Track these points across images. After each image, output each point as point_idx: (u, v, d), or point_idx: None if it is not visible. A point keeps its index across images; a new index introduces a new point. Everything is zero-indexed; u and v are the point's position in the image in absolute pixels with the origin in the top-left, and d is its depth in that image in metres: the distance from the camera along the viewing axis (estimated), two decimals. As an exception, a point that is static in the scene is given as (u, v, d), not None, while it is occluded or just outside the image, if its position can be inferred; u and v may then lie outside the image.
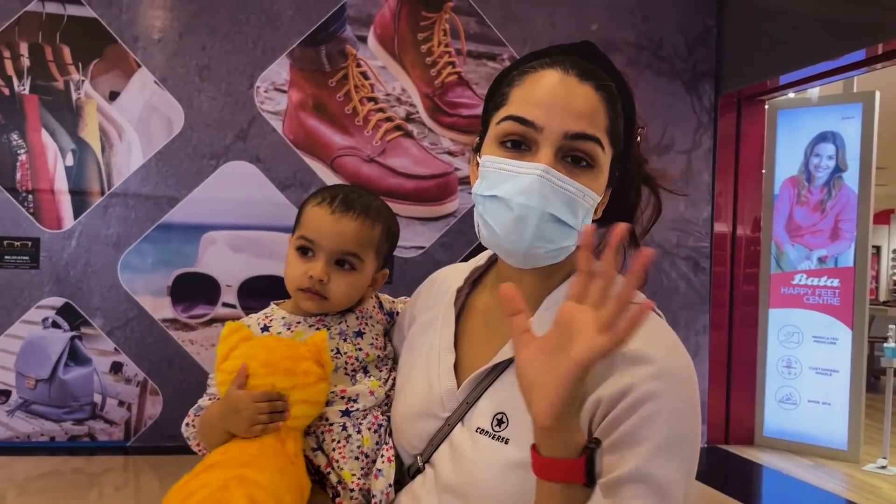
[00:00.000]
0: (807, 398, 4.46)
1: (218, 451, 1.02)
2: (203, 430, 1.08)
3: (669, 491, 0.86)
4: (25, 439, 3.91)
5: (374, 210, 1.15)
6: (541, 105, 0.88)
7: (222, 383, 1.06)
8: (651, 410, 0.85)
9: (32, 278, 3.90)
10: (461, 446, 0.94)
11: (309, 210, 1.15)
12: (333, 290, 1.11)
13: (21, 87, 3.84)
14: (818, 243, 4.43)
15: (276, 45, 4.07)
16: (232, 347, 1.06)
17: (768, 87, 4.42)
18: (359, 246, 1.12)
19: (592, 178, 0.90)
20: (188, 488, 0.93)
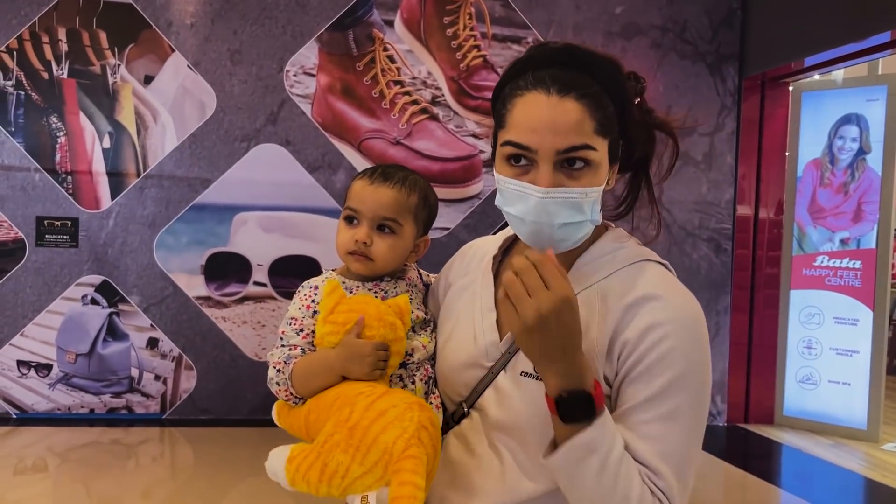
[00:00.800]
0: (827, 378, 4.49)
1: (358, 385, 1.11)
2: (305, 375, 1.16)
3: (678, 417, 0.98)
4: (66, 411, 4.07)
5: (410, 181, 1.25)
6: (531, 131, 0.99)
7: (333, 333, 1.14)
8: (666, 348, 0.98)
9: (72, 257, 4.04)
10: (506, 389, 1.07)
11: (353, 184, 1.26)
12: (377, 252, 1.21)
13: (59, 72, 3.96)
14: (841, 225, 4.44)
15: (305, 29, 4.15)
16: (336, 302, 1.16)
17: (793, 70, 4.41)
18: (396, 212, 1.22)
19: (592, 173, 1.02)
20: (376, 408, 1.02)
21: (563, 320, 0.92)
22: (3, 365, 3.93)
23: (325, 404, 1.11)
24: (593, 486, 0.95)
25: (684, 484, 0.99)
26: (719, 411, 4.57)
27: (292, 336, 1.21)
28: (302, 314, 1.22)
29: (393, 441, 0.99)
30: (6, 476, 3.30)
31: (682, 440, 0.99)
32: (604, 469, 0.94)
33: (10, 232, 3.90)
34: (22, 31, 3.87)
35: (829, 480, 3.88)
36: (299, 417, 1.17)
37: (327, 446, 1.02)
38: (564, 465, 0.95)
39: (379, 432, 0.99)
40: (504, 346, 1.10)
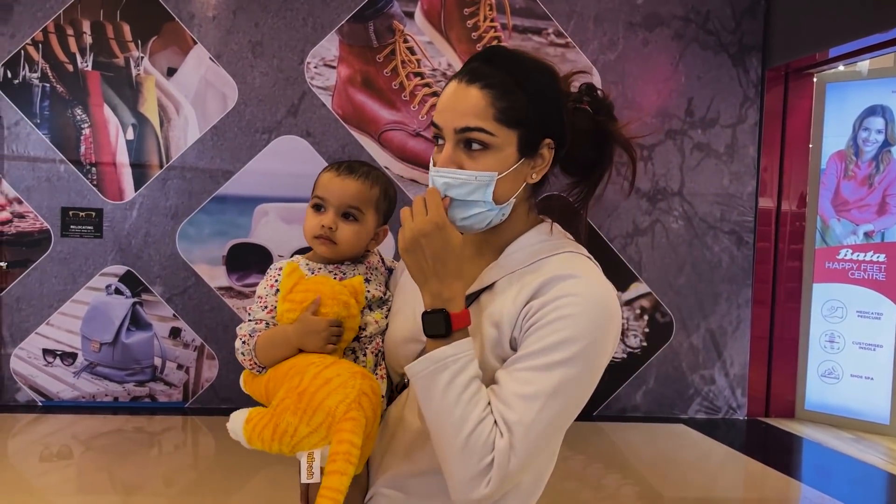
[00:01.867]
0: (849, 372, 4.44)
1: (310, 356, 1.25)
2: (266, 347, 1.28)
3: (553, 371, 1.03)
4: (90, 399, 4.13)
5: (373, 175, 1.38)
6: (440, 111, 1.13)
7: (290, 310, 1.26)
8: (566, 312, 1.04)
9: (96, 247, 4.09)
10: None
11: (321, 176, 1.38)
12: (341, 236, 1.34)
13: (84, 64, 4.01)
14: (865, 218, 4.38)
15: (326, 21, 4.16)
16: (295, 282, 1.28)
17: (817, 60, 4.36)
18: (360, 201, 1.34)
19: (491, 157, 1.11)
20: (323, 376, 1.15)
21: (432, 242, 1.07)
22: (29, 353, 3.99)
23: (281, 373, 1.24)
24: (438, 402, 1.03)
25: (536, 428, 1.02)
26: (739, 405, 4.55)
27: (258, 312, 1.33)
28: (266, 293, 1.34)
29: (335, 405, 1.11)
30: (32, 462, 3.36)
31: (548, 392, 1.02)
32: (450, 386, 1.02)
33: (35, 222, 3.96)
34: (47, 24, 3.92)
35: (851, 475, 3.85)
36: (260, 385, 1.29)
37: (279, 409, 1.14)
38: (418, 373, 1.05)
39: (324, 397, 1.12)
40: None
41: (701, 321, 4.48)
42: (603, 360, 1.08)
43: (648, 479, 3.55)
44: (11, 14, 3.88)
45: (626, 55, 4.35)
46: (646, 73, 4.38)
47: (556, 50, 4.30)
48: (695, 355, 4.49)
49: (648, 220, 4.41)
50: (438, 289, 1.07)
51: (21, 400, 4.00)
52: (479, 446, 1.01)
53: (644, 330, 4.43)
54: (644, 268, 4.41)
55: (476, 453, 1.01)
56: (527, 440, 1.02)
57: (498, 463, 1.01)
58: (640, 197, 4.39)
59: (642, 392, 4.46)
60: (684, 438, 4.16)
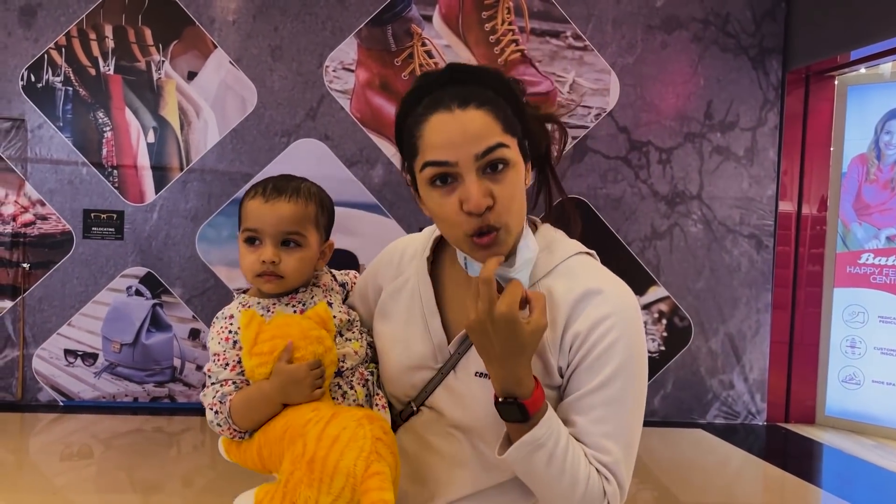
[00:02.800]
0: (871, 378, 4.38)
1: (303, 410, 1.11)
2: (244, 411, 1.14)
3: (623, 400, 1.07)
4: (111, 399, 4.17)
5: (303, 190, 1.22)
6: (446, 146, 1.03)
7: (262, 364, 1.12)
8: (612, 339, 1.06)
9: (117, 249, 4.14)
10: (460, 389, 1.13)
11: (247, 205, 1.22)
12: (286, 269, 1.19)
13: (106, 68, 4.05)
14: (887, 222, 4.33)
15: (345, 25, 4.19)
16: (257, 332, 1.13)
17: (838, 63, 4.32)
18: (298, 224, 1.20)
19: (514, 173, 1.06)
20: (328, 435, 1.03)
21: (500, 332, 1.01)
22: (50, 354, 4.04)
23: (274, 438, 1.11)
24: (545, 475, 1.04)
25: (629, 459, 1.08)
26: (759, 410, 4.51)
27: (220, 372, 1.18)
28: (223, 348, 1.19)
29: (353, 463, 1.00)
30: (53, 462, 3.40)
31: (626, 420, 1.07)
32: (552, 459, 1.03)
33: (58, 224, 4.00)
34: (70, 28, 3.97)
35: (872, 482, 3.80)
36: (251, 453, 1.16)
37: (291, 485, 1.03)
38: (516, 460, 1.04)
39: (338, 458, 1.00)
40: (454, 346, 1.14)
41: (720, 325, 4.45)
42: (645, 354, 1.12)
43: (667, 484, 3.53)
44: (35, 18, 3.94)
45: (645, 58, 4.33)
46: (664, 76, 4.36)
47: (575, 53, 4.29)
48: (713, 360, 4.45)
49: (667, 223, 4.39)
50: (503, 375, 1.04)
51: (43, 399, 4.05)
52: (595, 500, 1.05)
53: (662, 334, 4.41)
54: (662, 271, 4.39)
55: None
56: (628, 471, 1.08)
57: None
58: (658, 200, 4.37)
59: (660, 396, 4.43)
60: (703, 443, 4.13)
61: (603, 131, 4.32)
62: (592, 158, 4.32)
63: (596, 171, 4.32)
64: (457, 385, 1.13)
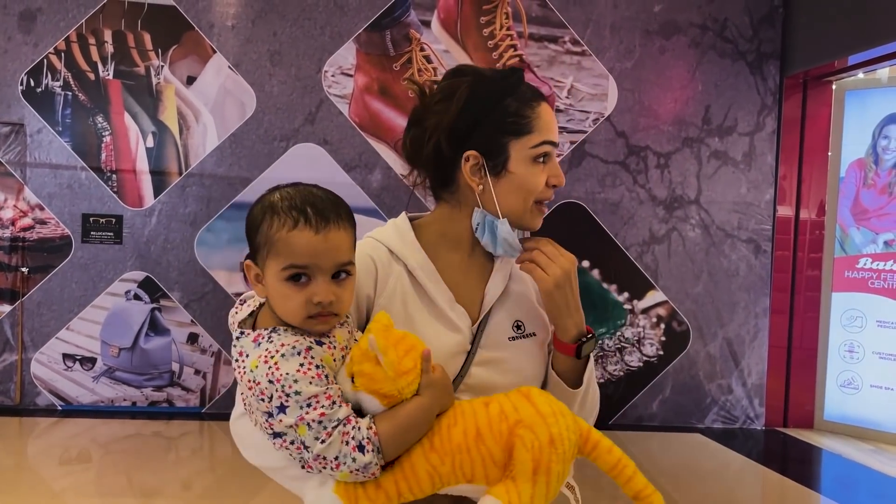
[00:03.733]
0: (869, 383, 4.38)
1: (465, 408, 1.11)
2: (403, 436, 1.05)
3: None
4: (109, 403, 4.16)
5: (342, 208, 1.09)
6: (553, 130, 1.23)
7: (412, 383, 1.07)
8: None
9: (116, 253, 4.14)
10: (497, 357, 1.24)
11: (287, 236, 1.04)
12: (341, 305, 1.07)
13: (105, 73, 4.06)
14: (885, 227, 4.34)
15: (344, 30, 4.19)
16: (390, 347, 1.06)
17: (836, 68, 4.33)
18: (350, 252, 1.09)
19: None
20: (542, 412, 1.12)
21: (574, 281, 1.22)
22: (49, 358, 4.04)
23: (456, 447, 1.08)
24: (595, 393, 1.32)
25: None
26: (757, 415, 4.51)
27: (337, 411, 1.03)
28: (321, 387, 1.03)
29: (574, 428, 1.14)
30: (52, 466, 3.40)
31: None
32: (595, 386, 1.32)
33: (56, 228, 4.01)
34: (69, 34, 3.98)
35: (870, 486, 3.80)
36: (416, 479, 1.08)
37: (542, 467, 1.10)
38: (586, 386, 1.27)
39: (566, 430, 1.12)
40: (475, 328, 1.25)
41: (718, 330, 4.45)
42: None
43: (665, 488, 3.52)
44: (35, 23, 3.95)
45: (643, 63, 4.34)
46: (662, 81, 4.37)
47: (573, 58, 4.30)
48: (712, 364, 4.46)
49: (665, 228, 4.39)
50: (580, 318, 1.24)
51: (41, 404, 4.05)
52: None
53: (660, 338, 4.41)
54: (660, 276, 4.39)
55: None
56: None
57: None
58: (656, 205, 4.38)
59: (659, 401, 4.43)
60: (701, 448, 4.13)
61: (601, 136, 4.33)
62: (591, 163, 4.33)
63: (594, 175, 4.33)
64: (492, 355, 1.24)
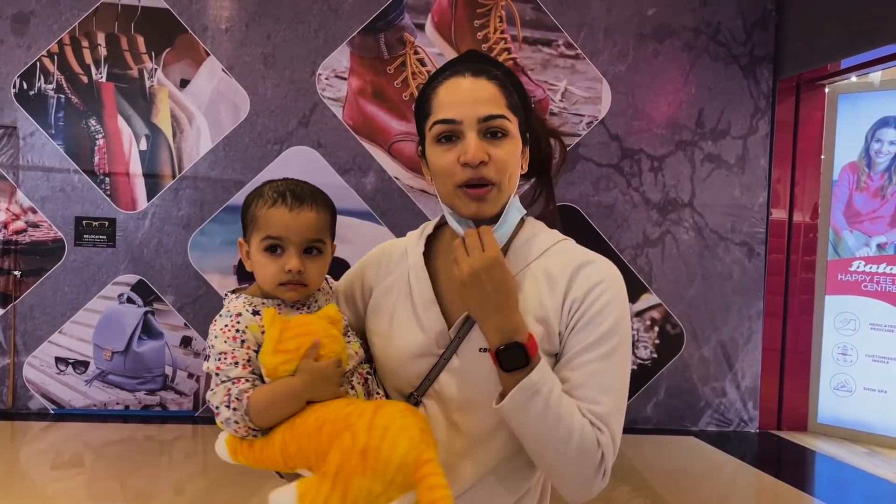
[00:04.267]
0: (862, 386, 4.39)
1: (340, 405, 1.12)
2: (266, 408, 1.14)
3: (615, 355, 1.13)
4: (102, 407, 4.15)
5: (320, 196, 1.26)
6: (455, 105, 1.14)
7: (288, 361, 1.14)
8: (606, 300, 1.15)
9: (109, 256, 4.12)
10: (465, 368, 1.18)
11: (268, 213, 1.22)
12: (310, 277, 1.22)
13: (98, 76, 4.05)
14: (878, 230, 4.35)
15: (337, 33, 4.19)
16: (280, 330, 1.15)
17: (829, 72, 4.34)
18: (321, 232, 1.23)
19: (511, 144, 1.16)
20: (378, 425, 1.05)
21: (493, 276, 1.09)
22: (41, 362, 4.02)
23: (306, 433, 1.11)
24: (541, 425, 1.07)
25: (621, 412, 1.14)
26: (751, 417, 4.51)
27: (231, 369, 1.16)
28: (231, 346, 1.17)
29: (406, 452, 1.04)
30: (44, 470, 3.38)
31: (619, 375, 1.14)
32: (547, 408, 1.07)
33: (49, 232, 3.99)
34: (62, 36, 3.97)
35: (864, 489, 3.81)
36: (271, 451, 1.16)
37: (342, 475, 1.04)
38: (513, 408, 1.07)
39: (391, 448, 1.04)
40: (454, 331, 1.19)
41: (712, 333, 4.46)
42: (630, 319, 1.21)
43: (659, 491, 3.53)
44: (28, 26, 3.94)
45: (637, 66, 4.35)
46: (656, 84, 4.38)
47: (567, 61, 4.31)
48: (706, 367, 4.46)
49: (659, 231, 4.40)
50: (503, 322, 1.09)
51: (33, 408, 4.03)
52: (590, 450, 1.08)
53: (654, 341, 4.42)
54: (654, 279, 4.40)
55: (589, 457, 1.08)
56: (619, 424, 1.13)
57: (606, 456, 1.10)
58: (650, 208, 4.39)
59: (653, 404, 4.43)
60: (695, 451, 4.14)
61: (595, 139, 4.34)
62: (584, 166, 4.33)
63: (588, 178, 4.33)
64: (462, 365, 1.17)
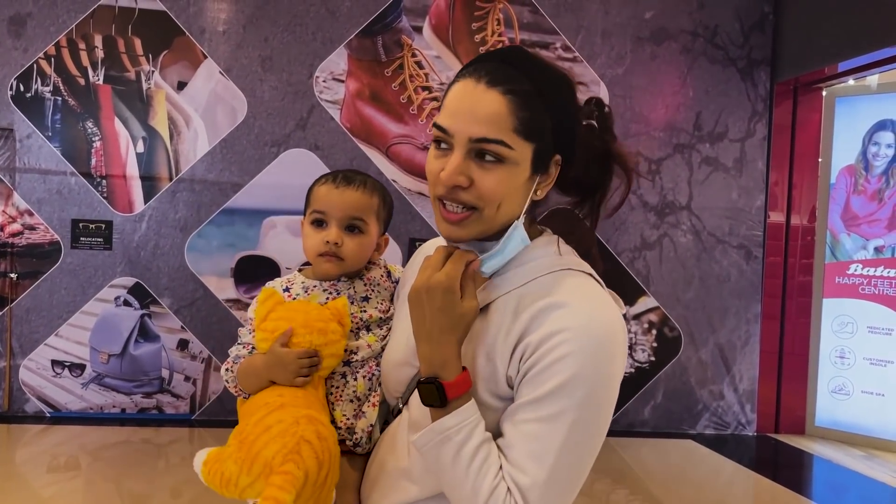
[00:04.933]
0: (860, 388, 4.39)
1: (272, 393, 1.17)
2: (244, 376, 1.23)
3: (559, 420, 0.96)
4: (98, 410, 4.14)
5: (370, 183, 1.34)
6: (453, 114, 1.01)
7: (263, 340, 1.20)
8: (561, 353, 0.97)
9: (106, 259, 4.11)
10: None
11: (317, 189, 1.32)
12: (347, 251, 1.28)
13: (95, 78, 4.05)
14: (875, 233, 4.35)
15: (335, 35, 4.19)
16: (270, 310, 1.21)
17: (826, 75, 4.35)
18: (363, 211, 1.29)
19: (505, 172, 1.01)
20: (264, 423, 1.09)
21: (433, 301, 0.99)
22: (37, 364, 4.01)
23: (245, 409, 1.19)
24: (449, 472, 0.98)
25: (552, 491, 0.97)
26: (749, 420, 4.51)
27: (245, 335, 1.29)
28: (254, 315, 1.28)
29: (272, 455, 1.05)
30: (40, 473, 3.37)
31: (558, 444, 0.96)
32: (458, 457, 0.97)
33: (46, 234, 3.98)
34: (59, 38, 3.96)
35: (862, 493, 3.81)
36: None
37: (224, 455, 1.09)
38: (423, 446, 1.00)
39: (262, 447, 1.06)
40: None
41: (710, 336, 4.46)
42: (611, 393, 1.02)
43: (657, 494, 3.52)
44: (25, 28, 3.93)
45: (634, 69, 4.35)
46: (654, 88, 4.38)
47: (564, 64, 4.31)
48: (703, 370, 4.46)
49: (656, 233, 4.40)
50: (430, 353, 1.00)
51: (29, 411, 4.02)
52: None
53: (652, 344, 4.41)
54: (652, 282, 4.40)
55: None
56: (548, 498, 0.97)
57: None
58: (647, 211, 4.39)
59: (650, 407, 4.43)
60: (693, 454, 4.13)
61: (593, 142, 4.33)
62: (582, 169, 4.33)
63: (586, 181, 4.33)
64: None
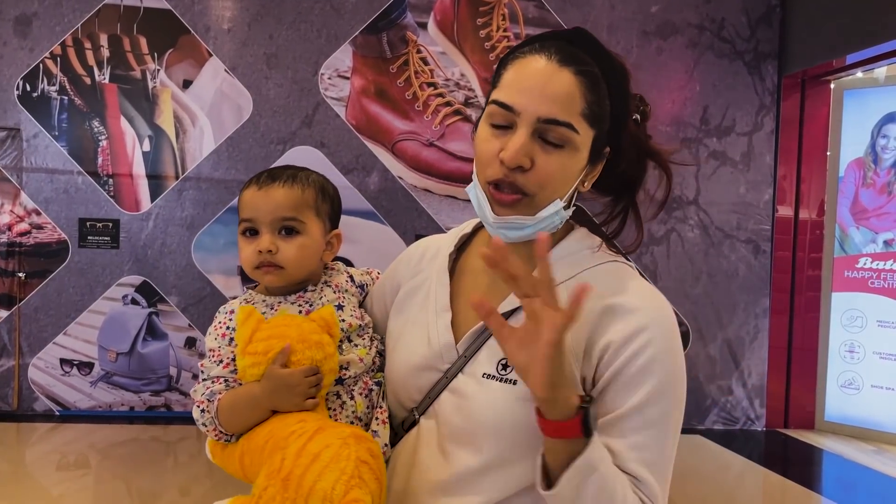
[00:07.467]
0: (870, 383, 4.37)
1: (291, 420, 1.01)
2: (231, 413, 1.07)
3: (660, 424, 0.97)
4: (107, 408, 4.15)
5: (301, 176, 1.18)
6: (521, 90, 0.95)
7: (255, 364, 1.05)
8: (649, 356, 0.96)
9: (113, 257, 4.13)
10: (466, 392, 1.02)
11: (243, 195, 1.19)
12: (285, 258, 1.13)
13: (101, 77, 4.05)
14: (884, 226, 4.32)
15: (340, 32, 4.19)
16: (253, 330, 1.07)
17: (834, 67, 4.31)
18: (295, 210, 1.14)
19: (566, 156, 0.97)
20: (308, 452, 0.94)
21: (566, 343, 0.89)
22: (46, 363, 4.03)
23: (257, 447, 1.03)
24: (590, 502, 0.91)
25: (665, 489, 0.99)
26: (758, 416, 4.49)
27: (212, 368, 1.12)
28: (219, 344, 1.12)
29: (332, 486, 0.91)
30: (49, 472, 3.38)
31: (663, 448, 0.98)
32: (604, 486, 0.91)
33: (53, 233, 4.00)
34: (65, 38, 3.97)
35: (872, 488, 3.79)
36: (234, 459, 1.09)
37: (263, 500, 0.93)
38: (569, 490, 0.90)
39: (315, 479, 0.91)
40: (462, 346, 1.05)
41: (718, 331, 4.44)
42: (684, 376, 1.02)
43: (665, 490, 3.51)
44: (30, 28, 3.94)
45: (641, 64, 4.33)
46: (660, 82, 4.36)
47: (570, 59, 4.29)
48: (712, 366, 4.44)
49: (664, 228, 4.38)
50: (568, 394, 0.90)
51: (39, 409, 4.04)
52: None
53: (660, 340, 4.39)
54: (659, 277, 4.38)
55: None
56: (664, 498, 0.99)
57: None
58: (654, 205, 4.36)
59: (659, 402, 4.41)
60: (702, 450, 4.12)
61: (599, 137, 4.32)
62: (589, 164, 4.31)
63: (592, 176, 4.31)
64: (464, 388, 1.02)
